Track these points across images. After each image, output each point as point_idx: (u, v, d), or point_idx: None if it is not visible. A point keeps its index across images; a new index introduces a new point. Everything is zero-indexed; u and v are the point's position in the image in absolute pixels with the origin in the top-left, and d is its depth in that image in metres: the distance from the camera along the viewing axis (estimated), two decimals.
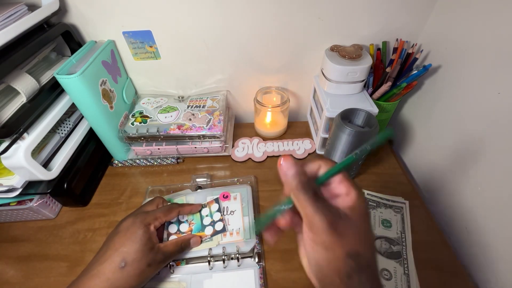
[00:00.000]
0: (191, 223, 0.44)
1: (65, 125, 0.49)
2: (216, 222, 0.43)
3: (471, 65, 0.43)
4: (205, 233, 0.42)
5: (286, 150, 0.59)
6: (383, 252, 0.41)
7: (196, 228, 0.43)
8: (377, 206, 0.47)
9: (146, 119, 0.54)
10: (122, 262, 0.31)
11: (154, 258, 0.33)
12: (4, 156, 0.37)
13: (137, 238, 0.33)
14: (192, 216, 0.44)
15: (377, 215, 0.45)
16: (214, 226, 0.43)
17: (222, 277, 0.39)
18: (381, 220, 0.45)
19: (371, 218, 0.34)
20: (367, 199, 0.39)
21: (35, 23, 0.41)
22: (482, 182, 0.41)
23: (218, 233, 0.42)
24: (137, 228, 0.34)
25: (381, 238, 0.43)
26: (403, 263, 0.40)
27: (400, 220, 0.45)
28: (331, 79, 0.51)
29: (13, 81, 0.39)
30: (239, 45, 0.54)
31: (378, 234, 0.43)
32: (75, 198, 0.48)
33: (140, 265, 0.32)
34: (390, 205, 0.47)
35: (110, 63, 0.51)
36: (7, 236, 0.46)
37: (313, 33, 0.53)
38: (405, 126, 0.61)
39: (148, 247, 0.33)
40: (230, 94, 0.64)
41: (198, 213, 0.45)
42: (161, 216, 0.37)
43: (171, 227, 0.42)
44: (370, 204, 0.47)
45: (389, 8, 0.50)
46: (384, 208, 0.46)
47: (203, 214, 0.45)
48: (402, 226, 0.44)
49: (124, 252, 0.32)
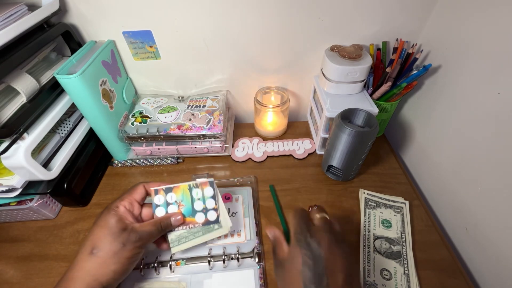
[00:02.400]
0: (180, 204, 0.39)
1: (65, 125, 0.49)
2: (209, 210, 0.39)
3: (471, 65, 0.43)
4: (195, 220, 0.38)
5: (286, 150, 0.59)
6: (383, 252, 0.41)
7: (186, 211, 0.38)
8: (377, 206, 0.47)
9: (146, 119, 0.54)
10: (94, 249, 0.31)
11: (128, 237, 0.32)
12: (4, 156, 0.37)
13: (105, 222, 0.33)
14: (181, 196, 0.39)
15: (377, 215, 0.45)
16: (206, 214, 0.38)
17: (222, 277, 0.39)
18: (381, 220, 0.45)
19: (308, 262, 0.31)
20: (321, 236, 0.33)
21: (35, 23, 0.41)
22: (482, 182, 0.41)
23: (210, 224, 0.38)
24: (104, 214, 0.34)
25: (381, 238, 0.43)
26: (403, 263, 0.40)
27: (400, 220, 0.45)
28: (331, 79, 0.51)
29: (13, 81, 0.39)
30: (239, 45, 0.54)
31: (378, 234, 0.43)
32: (75, 198, 0.48)
33: (113, 247, 0.31)
34: (390, 205, 0.47)
35: (110, 63, 0.51)
36: (7, 236, 0.46)
37: (313, 33, 0.53)
38: (405, 126, 0.61)
39: (119, 228, 0.32)
40: (230, 94, 0.64)
41: (189, 192, 0.39)
42: (126, 196, 0.36)
43: (159, 210, 0.37)
44: (370, 204, 0.47)
45: (389, 8, 0.50)
46: (384, 208, 0.47)
47: (194, 196, 0.39)
48: (402, 226, 0.44)
49: (94, 238, 0.31)
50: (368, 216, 0.45)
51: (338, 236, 0.30)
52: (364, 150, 0.46)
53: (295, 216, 0.33)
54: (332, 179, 0.53)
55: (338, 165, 0.49)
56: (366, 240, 0.42)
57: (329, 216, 0.34)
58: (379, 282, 0.38)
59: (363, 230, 0.44)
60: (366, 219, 0.45)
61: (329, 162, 0.50)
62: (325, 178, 0.54)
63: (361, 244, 0.42)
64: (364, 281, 0.38)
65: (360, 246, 0.42)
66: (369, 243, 0.42)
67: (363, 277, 0.39)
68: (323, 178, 0.54)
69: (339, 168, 0.50)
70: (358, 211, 0.47)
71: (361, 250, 0.41)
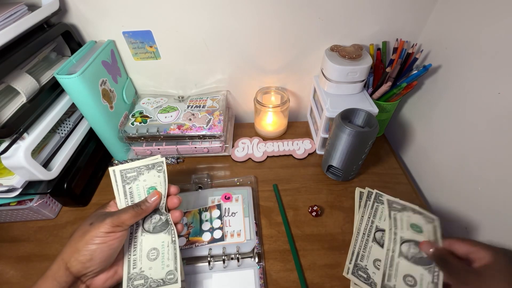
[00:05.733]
0: (190, 226, 0.44)
1: (65, 125, 0.49)
2: (215, 229, 0.43)
3: (471, 65, 0.43)
4: (202, 239, 0.42)
5: (286, 150, 0.59)
6: (410, 257, 0.37)
7: (194, 232, 0.43)
8: (403, 209, 0.41)
9: (146, 119, 0.54)
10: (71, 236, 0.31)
11: (97, 218, 0.31)
12: (4, 156, 0.37)
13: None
14: (191, 219, 0.44)
15: (404, 218, 0.40)
16: (212, 233, 0.43)
17: (222, 277, 0.39)
18: (410, 223, 0.39)
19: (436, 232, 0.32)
20: None
21: (35, 23, 0.41)
22: (482, 182, 0.41)
23: (215, 242, 0.42)
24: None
25: (409, 241, 0.38)
26: (433, 271, 0.35)
27: (432, 230, 0.38)
28: (331, 79, 0.51)
29: (13, 81, 0.39)
30: (239, 45, 0.54)
31: (406, 237, 0.38)
32: (75, 198, 0.48)
33: (81, 227, 0.31)
34: (419, 211, 0.41)
35: (110, 63, 0.51)
36: (7, 236, 0.46)
37: (313, 33, 0.53)
38: (405, 126, 0.61)
39: (92, 213, 0.33)
40: (230, 94, 0.64)
41: (198, 216, 0.45)
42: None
43: None
44: (394, 207, 0.42)
45: (389, 8, 0.50)
46: (412, 213, 0.41)
47: (203, 218, 0.45)
48: (434, 237, 0.37)
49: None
50: (394, 220, 0.40)
51: None
52: (364, 150, 0.46)
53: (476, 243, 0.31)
54: (332, 179, 0.53)
55: (338, 165, 0.49)
56: (392, 243, 0.38)
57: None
58: (370, 268, 0.38)
59: (366, 221, 0.43)
60: (372, 211, 0.44)
61: (329, 162, 0.50)
62: (325, 178, 0.54)
63: (360, 232, 0.42)
64: (383, 285, 0.35)
65: (354, 233, 0.43)
66: (394, 246, 0.38)
67: (355, 259, 0.39)
68: (323, 178, 0.54)
69: (339, 168, 0.50)
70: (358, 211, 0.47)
71: (384, 253, 0.38)
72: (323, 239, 0.44)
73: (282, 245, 0.43)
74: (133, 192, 0.35)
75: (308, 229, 0.45)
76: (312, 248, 0.43)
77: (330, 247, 0.43)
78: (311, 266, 0.41)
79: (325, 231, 0.45)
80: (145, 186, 0.35)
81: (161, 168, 0.36)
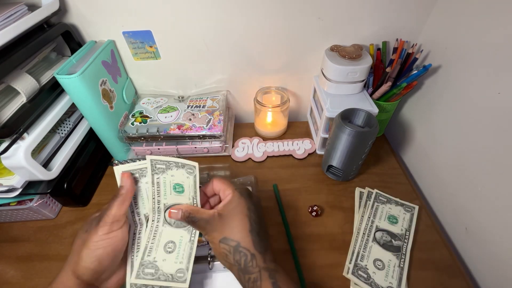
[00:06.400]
0: None
1: (65, 125, 0.49)
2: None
3: (471, 65, 0.43)
4: (202, 239, 0.41)
5: (286, 150, 0.59)
6: (382, 243, 0.42)
7: None
8: (388, 202, 0.48)
9: (146, 119, 0.54)
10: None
11: (91, 224, 0.31)
12: (4, 156, 0.37)
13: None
14: None
15: (385, 210, 0.46)
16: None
17: (222, 277, 0.39)
18: (388, 215, 0.46)
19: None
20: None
21: (35, 23, 0.41)
22: (482, 182, 0.41)
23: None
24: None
25: (383, 230, 0.44)
26: (400, 257, 0.41)
27: (408, 219, 0.45)
28: (331, 79, 0.51)
29: (13, 81, 0.39)
30: (239, 45, 0.54)
31: (382, 227, 0.44)
32: (75, 198, 0.48)
33: (80, 236, 0.31)
34: (401, 203, 0.48)
35: (110, 63, 0.51)
36: (7, 236, 0.46)
37: (313, 33, 0.53)
38: (405, 126, 0.61)
39: (84, 222, 0.33)
40: (230, 94, 0.64)
41: None
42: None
43: None
44: (380, 199, 0.48)
45: (389, 8, 0.50)
46: (395, 205, 0.47)
47: None
48: (409, 225, 0.45)
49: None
50: (375, 209, 0.46)
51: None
52: (364, 150, 0.46)
53: (225, 181, 0.36)
54: (332, 179, 0.53)
55: (338, 165, 0.49)
56: (368, 229, 0.44)
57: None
58: (370, 268, 0.39)
59: (367, 221, 0.45)
60: (372, 211, 0.46)
61: (329, 162, 0.50)
62: (325, 178, 0.54)
63: (360, 232, 0.44)
64: (356, 263, 0.40)
65: (354, 233, 0.44)
66: (369, 232, 0.43)
67: (355, 259, 0.40)
68: (323, 178, 0.54)
69: (339, 168, 0.50)
70: (358, 211, 0.47)
71: (357, 237, 0.43)
72: (323, 239, 0.44)
73: (282, 245, 0.43)
74: (160, 183, 0.34)
75: (308, 229, 0.45)
76: (312, 248, 0.43)
77: (330, 247, 0.43)
78: (311, 266, 0.41)
79: (325, 231, 0.45)
80: (172, 181, 0.35)
81: (192, 171, 0.36)
